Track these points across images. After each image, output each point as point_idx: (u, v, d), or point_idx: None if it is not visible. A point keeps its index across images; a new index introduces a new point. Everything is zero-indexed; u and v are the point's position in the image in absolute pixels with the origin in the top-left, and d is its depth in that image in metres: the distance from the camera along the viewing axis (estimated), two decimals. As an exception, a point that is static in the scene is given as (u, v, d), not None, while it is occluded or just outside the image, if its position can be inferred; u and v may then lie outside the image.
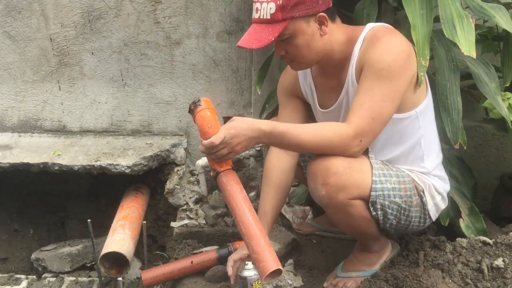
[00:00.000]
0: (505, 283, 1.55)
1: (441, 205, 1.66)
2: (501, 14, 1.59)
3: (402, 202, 1.56)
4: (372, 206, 1.53)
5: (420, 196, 1.60)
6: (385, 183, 1.52)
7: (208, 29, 2.43)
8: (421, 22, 1.50)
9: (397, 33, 1.51)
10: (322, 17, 1.46)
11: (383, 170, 1.54)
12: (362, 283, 1.67)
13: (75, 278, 2.36)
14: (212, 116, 1.57)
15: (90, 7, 2.42)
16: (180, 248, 2.10)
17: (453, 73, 1.64)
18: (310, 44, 1.49)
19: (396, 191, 1.54)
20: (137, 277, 2.37)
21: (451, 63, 1.64)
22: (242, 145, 1.45)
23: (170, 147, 2.43)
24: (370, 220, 1.57)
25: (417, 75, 1.50)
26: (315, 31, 1.48)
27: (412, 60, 1.48)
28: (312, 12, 1.44)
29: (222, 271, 1.86)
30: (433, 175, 1.64)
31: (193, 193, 2.39)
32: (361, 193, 1.50)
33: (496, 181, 2.37)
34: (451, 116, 1.63)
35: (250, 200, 1.50)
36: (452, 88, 1.63)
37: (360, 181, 1.48)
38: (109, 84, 2.55)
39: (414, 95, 1.53)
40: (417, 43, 1.48)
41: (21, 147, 2.45)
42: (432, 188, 1.62)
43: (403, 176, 1.58)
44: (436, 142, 1.68)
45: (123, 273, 1.99)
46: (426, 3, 1.52)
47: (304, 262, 1.94)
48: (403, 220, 1.61)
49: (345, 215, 1.54)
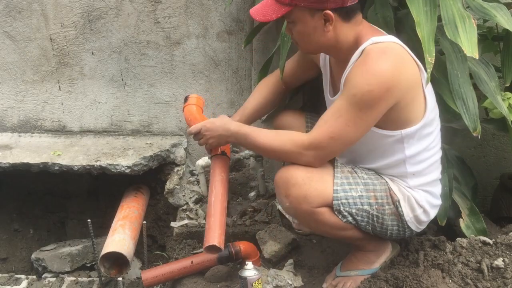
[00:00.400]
0: (505, 283, 1.55)
1: (423, 218, 1.60)
2: (502, 13, 1.58)
3: (373, 210, 1.57)
4: (338, 213, 1.56)
5: (395, 206, 1.57)
6: (350, 191, 1.54)
7: (208, 29, 2.43)
8: (426, 19, 1.49)
9: (392, 56, 1.43)
10: (328, 15, 1.45)
11: (348, 178, 1.56)
12: (362, 283, 1.67)
13: (75, 278, 2.36)
14: (197, 111, 1.91)
15: (90, 7, 2.42)
16: (180, 248, 2.10)
17: (462, 63, 1.61)
18: (311, 35, 1.50)
19: (364, 199, 1.55)
20: (137, 277, 2.37)
21: (458, 54, 1.61)
22: (214, 140, 1.74)
23: (170, 147, 2.43)
24: (345, 226, 1.59)
25: (408, 99, 1.45)
26: (318, 25, 1.47)
27: (394, 91, 1.40)
28: (318, 7, 1.44)
29: (222, 271, 1.87)
30: (418, 189, 1.59)
31: (193, 193, 2.39)
32: (323, 202, 1.54)
33: (496, 181, 2.37)
34: (467, 104, 1.59)
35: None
36: (463, 77, 1.60)
37: (320, 190, 1.53)
38: (109, 84, 2.55)
39: (402, 115, 1.48)
40: (423, 39, 1.46)
41: (21, 147, 2.45)
42: (412, 200, 1.57)
43: (374, 184, 1.57)
44: (434, 166, 1.60)
45: (123, 273, 1.98)
46: (430, 0, 1.52)
47: (304, 262, 1.94)
48: (378, 227, 1.61)
49: (316, 223, 1.59)
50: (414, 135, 1.52)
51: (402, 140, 1.52)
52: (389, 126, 1.51)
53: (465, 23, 1.49)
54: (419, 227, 1.64)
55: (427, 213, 1.60)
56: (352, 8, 1.48)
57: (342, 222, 1.57)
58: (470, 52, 1.45)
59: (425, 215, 1.61)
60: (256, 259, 1.91)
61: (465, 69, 1.62)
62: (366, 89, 1.39)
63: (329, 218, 1.56)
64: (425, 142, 1.55)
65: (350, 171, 1.59)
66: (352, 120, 1.43)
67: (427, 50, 1.45)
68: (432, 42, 1.47)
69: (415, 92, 1.47)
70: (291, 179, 1.52)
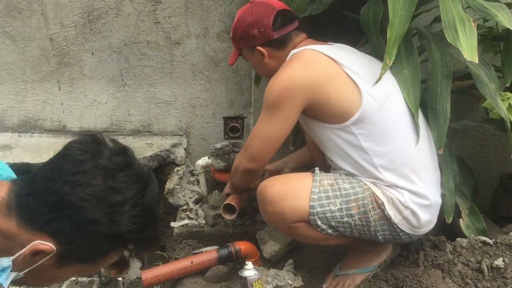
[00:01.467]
0: (505, 283, 1.55)
1: (412, 219, 1.56)
2: (503, 12, 1.57)
3: (355, 220, 1.57)
4: (316, 227, 1.58)
5: (382, 209, 1.56)
6: (328, 205, 1.57)
7: (208, 29, 2.43)
8: (398, 22, 1.48)
9: (295, 61, 1.58)
10: (259, 50, 1.70)
11: (327, 192, 1.58)
12: (362, 283, 1.67)
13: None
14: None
15: (90, 7, 2.42)
16: (180, 248, 2.10)
17: (446, 79, 1.62)
18: (260, 66, 1.77)
19: (344, 212, 1.57)
20: (137, 277, 2.36)
21: (445, 68, 1.62)
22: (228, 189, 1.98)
23: (170, 147, 2.43)
24: (327, 237, 1.61)
25: (327, 94, 1.54)
26: (259, 59, 1.72)
27: (295, 89, 1.53)
28: (251, 45, 1.71)
29: (222, 271, 1.87)
30: (402, 188, 1.56)
31: (193, 193, 2.38)
32: (299, 218, 1.58)
33: (496, 181, 2.37)
34: (439, 121, 1.61)
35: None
36: (443, 93, 1.61)
37: (295, 207, 1.57)
38: (109, 84, 2.55)
39: (335, 108, 1.54)
40: (389, 40, 1.46)
41: (21, 147, 2.45)
42: (396, 201, 1.55)
43: (356, 193, 1.57)
44: (403, 159, 1.57)
45: (123, 273, 1.98)
46: (408, 5, 1.50)
47: (304, 262, 1.94)
48: (366, 234, 1.60)
49: (297, 236, 1.68)
50: (360, 124, 1.54)
51: (352, 131, 1.54)
52: (332, 121, 1.57)
53: (465, 26, 1.48)
54: (415, 230, 1.59)
55: (415, 214, 1.56)
56: (282, 38, 1.68)
57: (322, 234, 1.60)
58: (470, 56, 1.44)
59: (414, 217, 1.56)
60: (256, 259, 1.91)
61: (447, 85, 1.62)
62: (268, 92, 1.58)
63: (307, 232, 1.61)
64: (380, 130, 1.55)
65: (331, 183, 1.59)
66: (266, 120, 1.60)
67: (388, 52, 1.46)
68: (396, 46, 1.47)
69: (331, 86, 1.54)
70: (267, 196, 1.60)
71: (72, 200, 0.93)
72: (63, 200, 0.93)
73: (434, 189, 1.61)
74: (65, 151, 1.00)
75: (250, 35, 1.68)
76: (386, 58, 1.46)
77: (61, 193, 0.93)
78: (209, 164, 2.27)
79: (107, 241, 0.97)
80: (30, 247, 0.94)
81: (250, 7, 1.71)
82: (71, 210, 0.93)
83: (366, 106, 1.52)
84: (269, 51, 1.69)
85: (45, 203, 0.94)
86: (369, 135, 1.54)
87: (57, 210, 0.94)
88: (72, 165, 0.96)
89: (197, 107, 2.56)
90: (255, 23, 1.67)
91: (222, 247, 1.90)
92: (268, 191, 1.60)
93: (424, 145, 1.60)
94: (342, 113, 1.54)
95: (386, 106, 1.55)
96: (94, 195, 0.94)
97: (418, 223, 1.57)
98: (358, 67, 1.57)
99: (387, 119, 1.55)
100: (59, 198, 0.93)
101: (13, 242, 0.96)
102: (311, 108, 1.57)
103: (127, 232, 0.96)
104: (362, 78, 1.54)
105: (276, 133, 1.60)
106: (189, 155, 2.60)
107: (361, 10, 1.78)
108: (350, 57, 1.61)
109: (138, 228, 0.97)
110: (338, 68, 1.55)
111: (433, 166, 1.63)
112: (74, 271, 1.04)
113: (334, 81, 1.55)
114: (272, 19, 1.65)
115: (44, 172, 0.99)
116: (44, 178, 0.97)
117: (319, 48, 1.60)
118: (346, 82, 1.54)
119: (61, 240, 0.95)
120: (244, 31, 1.70)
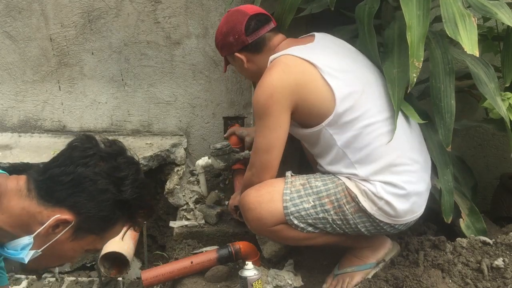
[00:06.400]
0: (505, 283, 1.55)
1: (388, 209, 1.59)
2: (504, 11, 1.58)
3: (331, 215, 1.62)
4: (295, 227, 1.63)
5: (356, 202, 1.59)
6: (301, 204, 1.62)
7: (208, 29, 2.43)
8: (417, 23, 1.49)
9: (274, 68, 1.62)
10: (237, 57, 1.76)
11: (299, 192, 1.64)
12: (362, 283, 1.67)
13: (75, 278, 2.36)
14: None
15: (90, 7, 2.42)
16: (180, 248, 2.10)
17: (448, 76, 1.63)
18: (243, 71, 1.83)
19: (318, 208, 1.62)
20: (137, 277, 2.37)
21: (447, 65, 1.63)
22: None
23: (170, 147, 2.43)
24: (309, 235, 1.66)
25: (305, 96, 1.59)
26: (240, 64, 1.79)
27: (280, 95, 1.58)
28: (230, 52, 1.77)
29: (222, 271, 1.87)
30: (375, 180, 1.59)
31: (193, 193, 2.38)
32: (277, 220, 1.64)
33: (496, 181, 2.37)
34: (444, 119, 1.61)
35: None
36: (447, 90, 1.62)
37: (271, 210, 1.63)
38: (109, 84, 2.55)
39: (313, 110, 1.60)
40: (412, 44, 1.47)
41: (21, 147, 2.45)
42: (369, 193, 1.58)
43: (328, 189, 1.62)
44: (380, 151, 1.59)
45: (123, 273, 1.99)
46: (424, 4, 1.50)
47: (304, 262, 1.94)
48: (348, 228, 1.64)
49: (281, 238, 1.73)
50: (335, 125, 1.60)
51: (329, 132, 1.61)
52: (311, 125, 1.64)
53: (465, 21, 1.49)
54: (395, 219, 1.61)
55: (390, 204, 1.57)
56: (256, 42, 1.73)
57: (303, 233, 1.64)
58: (470, 49, 1.45)
59: (389, 207, 1.58)
60: (256, 259, 1.91)
61: (451, 82, 1.62)
62: (255, 102, 1.65)
63: (289, 233, 1.65)
64: (353, 128, 1.59)
65: (302, 183, 1.66)
66: (261, 131, 1.65)
67: (415, 55, 1.47)
68: (421, 47, 1.47)
69: (308, 89, 1.60)
70: (245, 204, 1.68)
71: (87, 175, 1.13)
72: (79, 176, 1.13)
73: (414, 178, 1.62)
74: (69, 145, 1.19)
75: (228, 43, 1.75)
76: (414, 61, 1.47)
77: (76, 172, 1.13)
78: (209, 164, 2.27)
79: (116, 209, 1.16)
80: (53, 219, 1.12)
81: (226, 17, 1.80)
82: (87, 182, 1.13)
83: (340, 108, 1.57)
84: (247, 56, 1.75)
85: (61, 182, 1.13)
86: (343, 133, 1.59)
87: (73, 185, 1.13)
88: (80, 152, 1.16)
89: (197, 107, 2.56)
90: (230, 31, 1.74)
91: (222, 247, 1.90)
92: (245, 200, 1.67)
93: (404, 137, 1.62)
94: (319, 114, 1.60)
95: (361, 102, 1.59)
96: (103, 171, 1.14)
97: (395, 213, 1.59)
98: (335, 66, 1.61)
99: (362, 116, 1.59)
100: (75, 176, 1.13)
101: (33, 219, 1.13)
102: (295, 110, 1.62)
103: (132, 199, 1.16)
104: (337, 78, 1.59)
105: (274, 140, 1.64)
106: (189, 155, 2.60)
107: (358, 5, 1.79)
108: (328, 56, 1.65)
109: (139, 196, 1.18)
110: (314, 71, 1.60)
111: (413, 157, 1.64)
112: (87, 243, 1.20)
113: (310, 84, 1.60)
114: (245, 25, 1.71)
115: (54, 162, 1.17)
116: (56, 165, 1.15)
117: (296, 52, 1.64)
118: (322, 85, 1.59)
119: (79, 211, 1.13)
120: (222, 40, 1.77)
